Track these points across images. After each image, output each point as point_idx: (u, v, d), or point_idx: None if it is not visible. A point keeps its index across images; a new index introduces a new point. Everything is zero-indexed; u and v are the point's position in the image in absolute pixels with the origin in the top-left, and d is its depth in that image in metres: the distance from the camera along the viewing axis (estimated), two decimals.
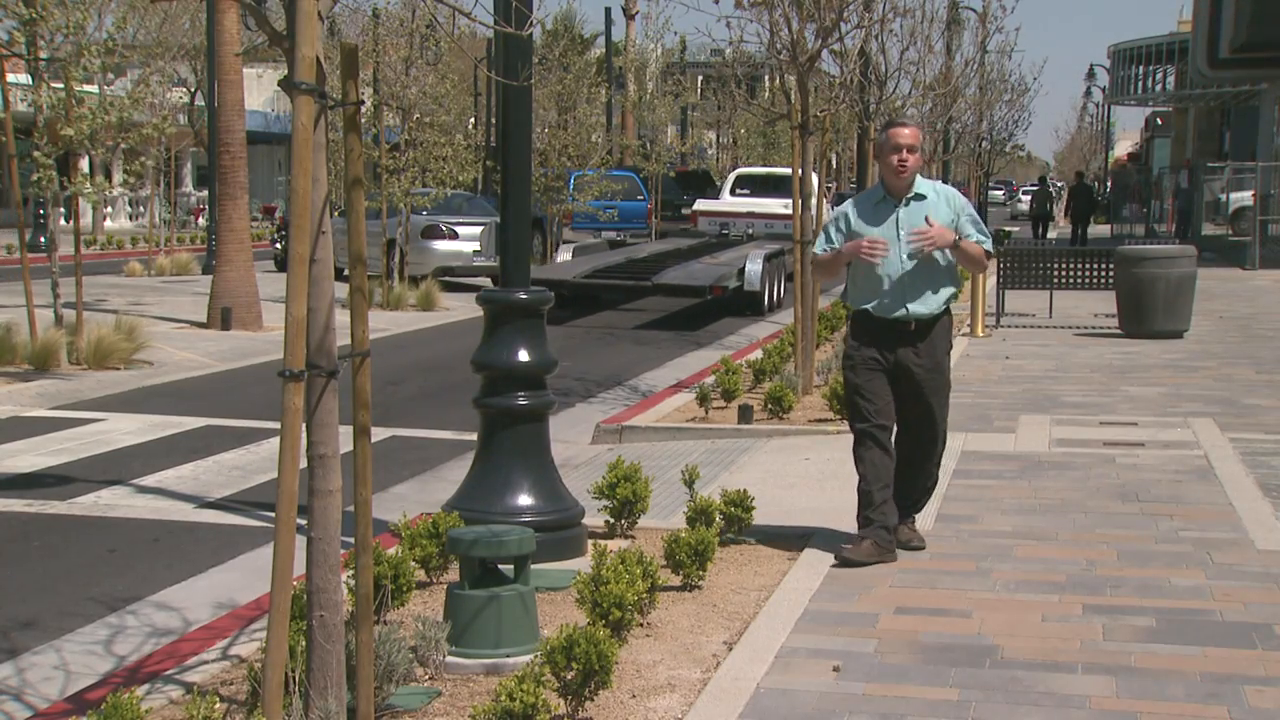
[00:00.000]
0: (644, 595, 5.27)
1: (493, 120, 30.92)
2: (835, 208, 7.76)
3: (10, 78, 12.92)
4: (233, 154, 17.08)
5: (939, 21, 19.44)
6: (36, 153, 12.64)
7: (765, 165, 36.65)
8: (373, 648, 4.07)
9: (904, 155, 6.30)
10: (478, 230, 23.39)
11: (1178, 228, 37.05)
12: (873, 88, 15.50)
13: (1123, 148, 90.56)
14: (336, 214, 19.08)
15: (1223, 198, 36.87)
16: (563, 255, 22.12)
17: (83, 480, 8.75)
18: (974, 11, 25.66)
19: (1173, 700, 4.59)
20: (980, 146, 28.55)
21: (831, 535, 6.68)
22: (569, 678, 4.41)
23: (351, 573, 4.20)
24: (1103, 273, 16.91)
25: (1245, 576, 6.04)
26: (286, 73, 3.53)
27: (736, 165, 43.44)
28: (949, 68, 21.00)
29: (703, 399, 10.58)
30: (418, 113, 20.76)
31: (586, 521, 6.71)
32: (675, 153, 38.22)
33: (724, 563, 6.31)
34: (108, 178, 33.25)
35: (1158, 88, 55.99)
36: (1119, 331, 15.79)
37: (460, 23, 26.17)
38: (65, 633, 5.85)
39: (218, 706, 3.90)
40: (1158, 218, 41.80)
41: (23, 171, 13.24)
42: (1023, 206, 61.75)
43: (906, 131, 6.36)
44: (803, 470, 8.54)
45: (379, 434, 9.37)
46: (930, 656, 5.02)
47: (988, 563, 6.28)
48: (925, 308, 6.31)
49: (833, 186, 20.90)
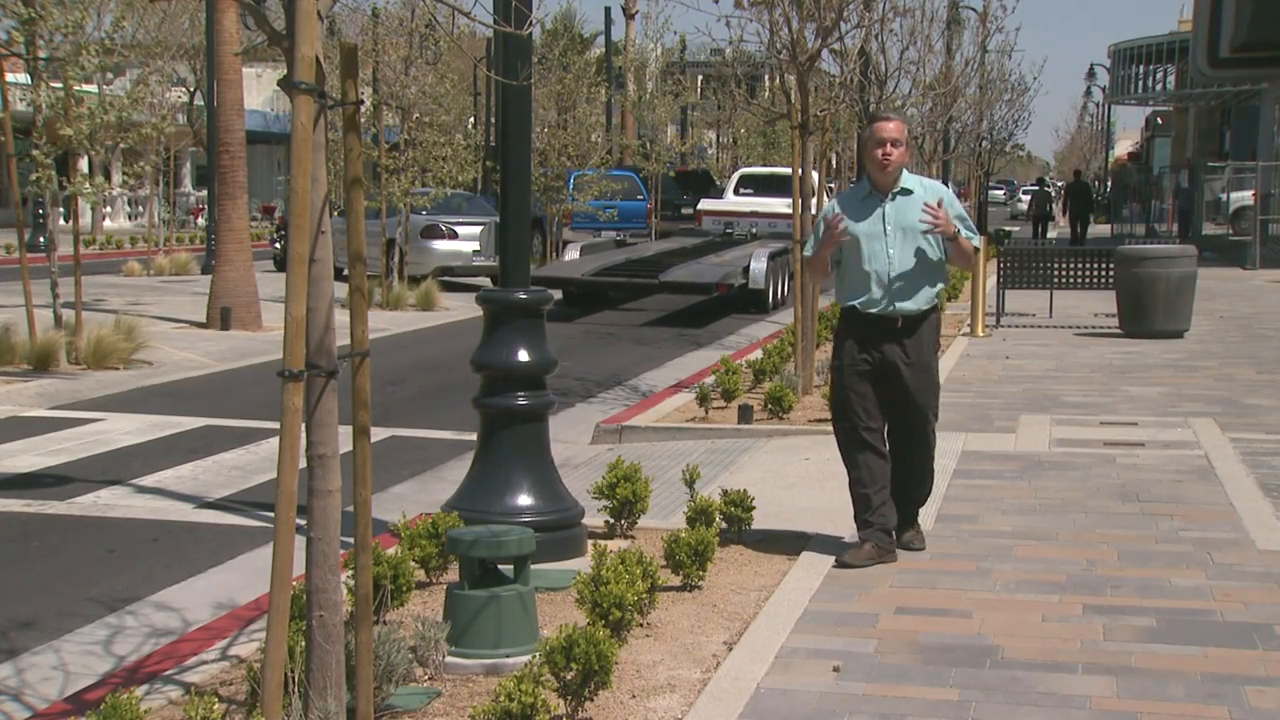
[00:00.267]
0: (644, 595, 5.27)
1: (492, 120, 30.91)
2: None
3: (9, 77, 12.90)
4: (232, 153, 17.07)
5: (939, 21, 19.44)
6: (35, 152, 12.63)
7: (765, 165, 36.69)
8: (372, 648, 4.07)
9: (888, 149, 6.22)
10: (477, 230, 23.39)
11: (1178, 227, 37.07)
12: (873, 87, 15.50)
13: (1123, 147, 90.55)
14: (336, 214, 19.09)
15: (1223, 197, 36.86)
16: (570, 254, 22.45)
17: (82, 480, 8.74)
18: (974, 11, 25.68)
19: (1173, 700, 4.59)
20: (980, 146, 28.54)
21: (832, 535, 6.68)
22: (569, 678, 4.42)
23: (351, 573, 4.20)
24: (1103, 272, 16.91)
25: (1246, 577, 6.04)
26: (286, 72, 3.53)
27: (737, 165, 43.43)
28: (949, 67, 21.00)
29: (703, 399, 10.58)
30: (417, 112, 20.76)
31: (586, 522, 6.71)
32: (675, 152, 38.22)
33: (724, 563, 6.31)
34: (107, 177, 33.27)
35: (1158, 87, 56.00)
36: (1119, 331, 15.79)
37: (460, 22, 26.17)
38: (64, 633, 5.85)
39: (217, 707, 3.90)
40: (1158, 217, 41.82)
41: (22, 171, 13.24)
42: (1023, 206, 61.79)
43: (890, 125, 6.28)
44: (803, 470, 8.55)
45: (378, 434, 9.36)
46: (930, 657, 5.02)
47: (988, 563, 6.28)
48: (913, 304, 6.25)
49: (834, 186, 20.88)
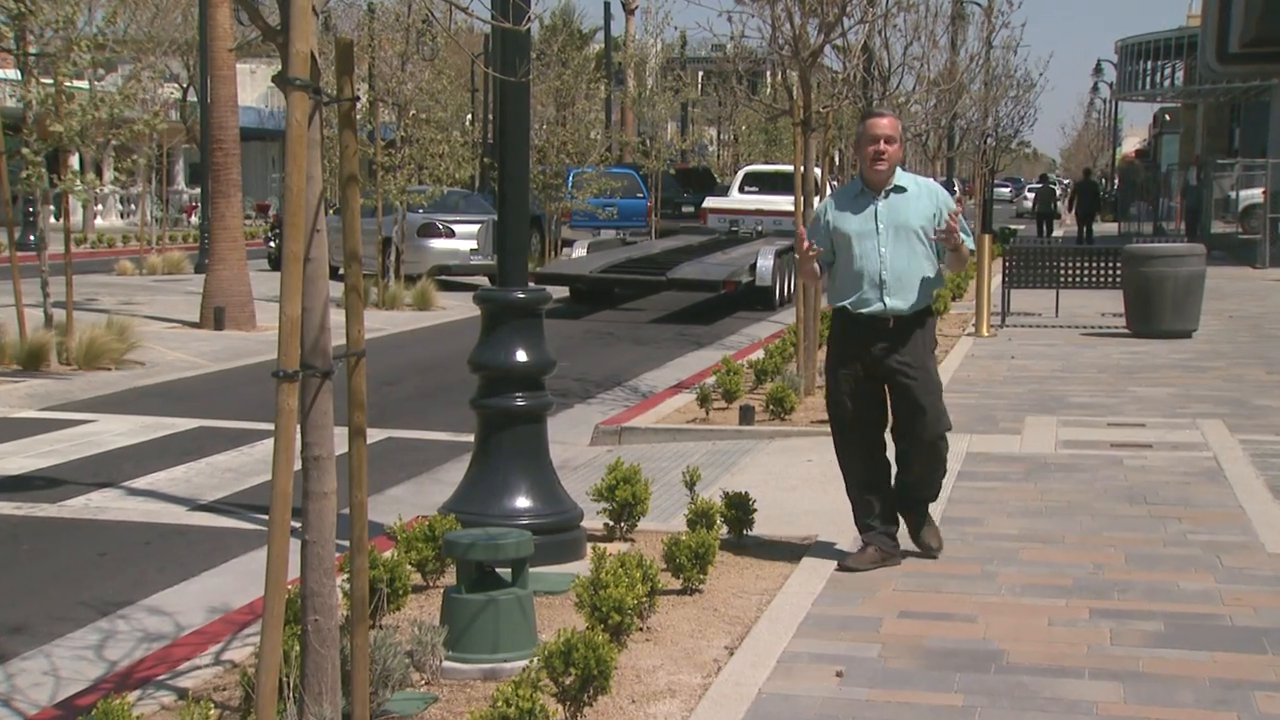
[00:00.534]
0: (644, 599, 5.27)
1: (490, 116, 30.92)
2: None
3: None
4: (226, 151, 17.07)
5: (943, 16, 19.46)
6: (25, 149, 12.63)
7: (767, 162, 36.74)
8: (368, 652, 4.07)
9: (881, 146, 6.15)
10: (475, 228, 23.40)
11: (1185, 226, 37.08)
12: (876, 83, 15.49)
13: (1130, 144, 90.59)
14: (331, 212, 19.05)
15: (1232, 195, 36.85)
16: (578, 251, 22.97)
17: (73, 482, 8.74)
18: (979, 6, 25.63)
19: (1181, 706, 4.59)
20: (985, 143, 28.50)
21: (834, 538, 6.69)
22: (567, 683, 4.42)
23: (346, 576, 4.20)
24: (1110, 271, 16.92)
25: (1255, 580, 6.05)
26: (280, 68, 3.53)
27: (738, 162, 43.44)
28: (954, 63, 20.99)
29: (703, 400, 10.58)
30: (414, 109, 20.77)
31: (585, 524, 6.71)
32: (675, 150, 38.23)
33: (725, 566, 6.32)
34: (98, 175, 33.19)
35: (1166, 83, 55.99)
36: (1126, 331, 15.79)
37: (457, 17, 26.23)
38: (55, 638, 5.85)
39: (211, 713, 3.90)
40: (1166, 215, 41.82)
41: (11, 169, 13.23)
42: (1028, 204, 61.83)
43: (884, 122, 6.22)
44: (805, 472, 8.55)
45: (374, 435, 9.37)
46: (935, 661, 5.02)
47: (993, 566, 6.28)
48: (905, 304, 6.16)
49: (837, 183, 20.91)
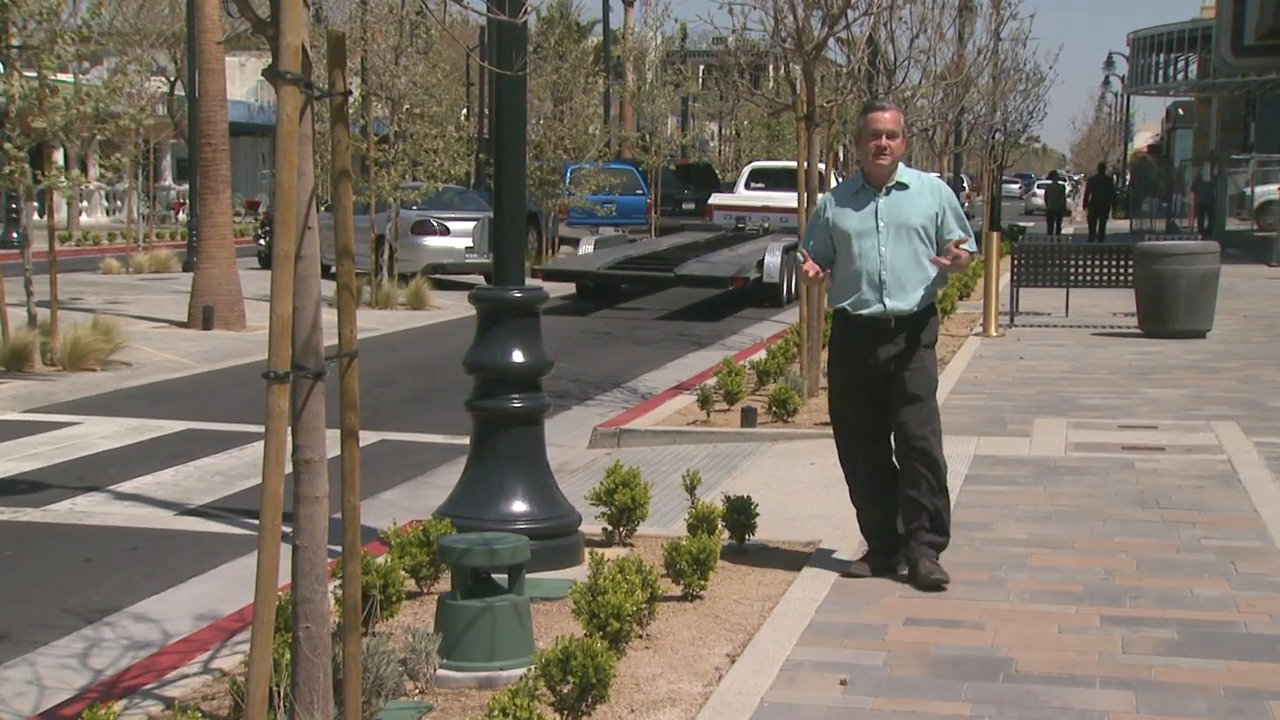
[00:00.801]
0: (643, 605, 5.28)
1: (486, 111, 30.92)
2: None
3: None
4: (214, 146, 17.08)
5: (950, 8, 19.42)
6: (8, 145, 12.63)
7: (770, 158, 36.80)
8: (361, 660, 4.07)
9: (883, 141, 6.07)
10: (470, 226, 23.40)
11: (1198, 222, 37.09)
12: (881, 77, 15.50)
13: (1143, 139, 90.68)
14: (323, 209, 19.09)
15: (1247, 191, 36.89)
16: (584, 247, 23.49)
17: (57, 486, 8.75)
18: None
19: (1195, 716, 4.59)
20: (993, 138, 28.55)
21: (838, 543, 6.69)
22: (565, 691, 4.42)
23: (339, 582, 4.20)
24: (1121, 269, 16.92)
25: (1271, 586, 6.05)
26: (270, 61, 3.53)
27: (740, 158, 43.48)
28: (961, 56, 21.01)
29: (704, 401, 10.59)
30: (408, 103, 20.76)
31: (583, 529, 6.72)
32: (676, 145, 38.23)
33: (726, 572, 6.32)
34: (83, 171, 33.16)
35: (1179, 77, 56.05)
36: (1138, 331, 15.80)
37: (452, 9, 26.16)
38: (39, 646, 5.86)
39: None
40: (1179, 212, 41.85)
41: None
42: (1037, 201, 61.91)
43: (886, 116, 6.14)
44: (808, 476, 8.55)
45: (367, 438, 9.37)
46: (941, 670, 5.02)
47: (1001, 572, 6.28)
48: (905, 305, 6.09)
49: (843, 180, 20.96)
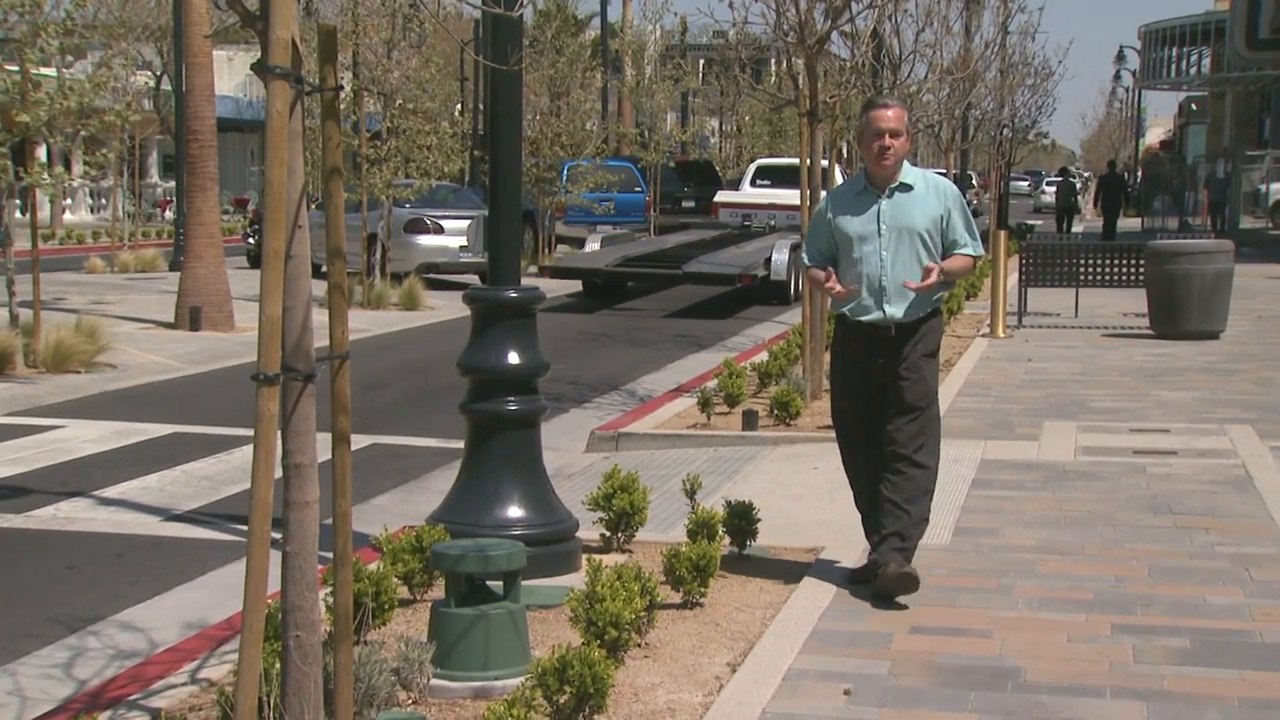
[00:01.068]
0: (642, 613, 5.28)
1: (481, 107, 30.92)
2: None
3: None
4: (202, 142, 17.08)
5: (957, 1, 19.44)
6: None
7: (771, 155, 36.85)
8: (352, 670, 4.07)
9: (886, 141, 5.92)
10: (464, 224, 23.41)
11: (1211, 220, 37.13)
12: (886, 72, 15.50)
13: (1154, 135, 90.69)
14: (314, 207, 19.06)
15: (1262, 188, 36.92)
16: (591, 245, 23.98)
17: (40, 492, 8.75)
18: None
19: None
20: (1001, 134, 28.53)
21: (842, 549, 6.69)
22: (562, 701, 4.43)
23: (329, 590, 4.21)
24: (1132, 269, 16.93)
25: None
26: (260, 56, 3.53)
27: (741, 155, 43.48)
28: (968, 50, 21.02)
29: (704, 404, 10.59)
30: (400, 99, 20.77)
31: (581, 535, 6.72)
32: (675, 141, 38.21)
33: (727, 579, 6.32)
34: (67, 167, 33.16)
35: (1192, 71, 56.06)
36: (1150, 332, 15.81)
37: (446, 2, 26.18)
38: (21, 655, 5.85)
39: None
40: (1192, 210, 41.87)
41: None
42: (1047, 199, 61.95)
43: (889, 113, 5.99)
44: (811, 480, 8.56)
45: (359, 442, 9.37)
46: (948, 679, 5.03)
47: (1009, 579, 6.29)
48: (905, 312, 5.98)
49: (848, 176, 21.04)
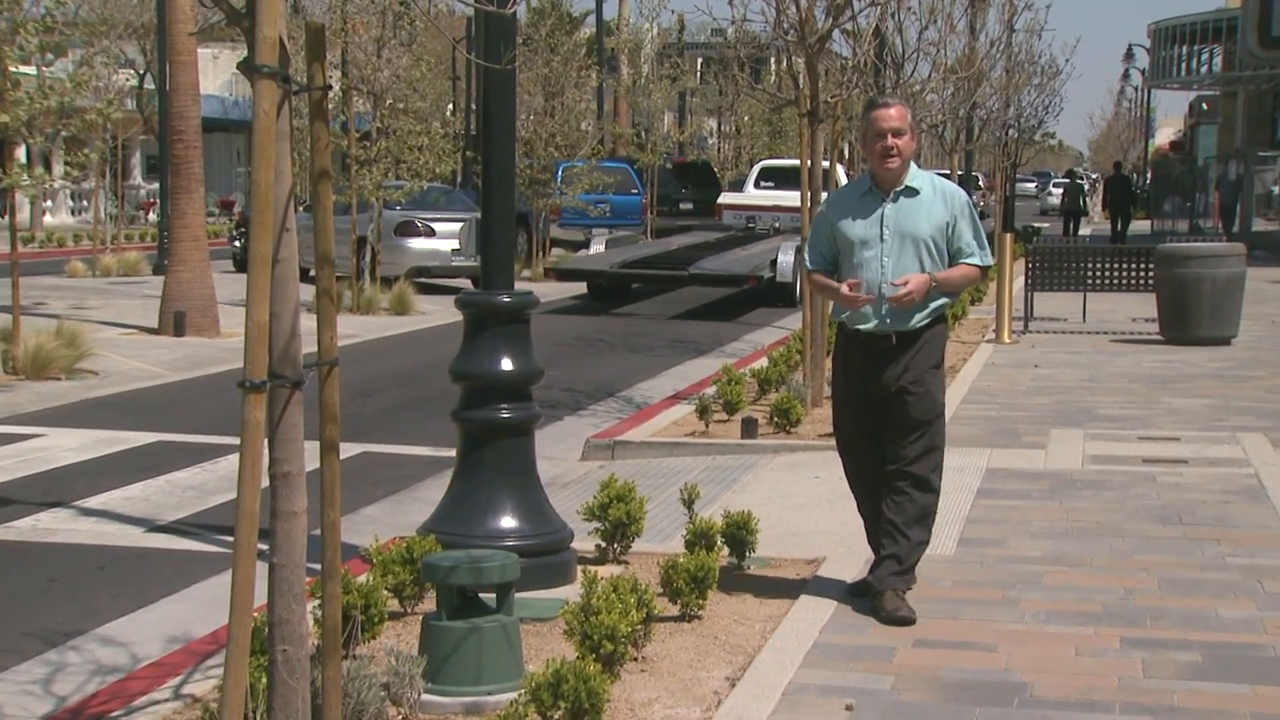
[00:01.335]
0: (638, 626, 5.28)
1: (473, 106, 30.94)
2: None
3: None
4: (186, 143, 17.08)
5: None
6: None
7: (771, 156, 36.88)
8: (341, 685, 4.07)
9: (889, 141, 5.81)
10: (457, 227, 23.41)
11: (1223, 223, 37.15)
12: (888, 71, 15.52)
13: (1164, 136, 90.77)
14: (302, 209, 19.09)
15: (1275, 190, 36.92)
16: (596, 246, 24.36)
17: (19, 502, 8.74)
18: None
19: None
20: (1007, 135, 28.55)
21: (844, 560, 6.69)
22: (556, 717, 4.42)
23: (318, 602, 4.20)
24: (1142, 273, 16.95)
25: None
26: (246, 54, 3.54)
27: (740, 156, 43.49)
28: (972, 48, 21.03)
29: (703, 411, 10.60)
30: (390, 98, 20.77)
31: (576, 545, 6.72)
32: (673, 142, 38.24)
33: (726, 590, 6.32)
34: (47, 168, 33.16)
35: (1203, 69, 56.05)
36: (1160, 338, 15.83)
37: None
38: None
39: None
40: (1202, 212, 41.90)
41: None
42: (1053, 201, 62.02)
43: (891, 112, 5.87)
44: (812, 489, 8.56)
45: (348, 450, 9.37)
46: (952, 694, 5.03)
47: (1015, 591, 6.29)
48: (906, 322, 5.88)
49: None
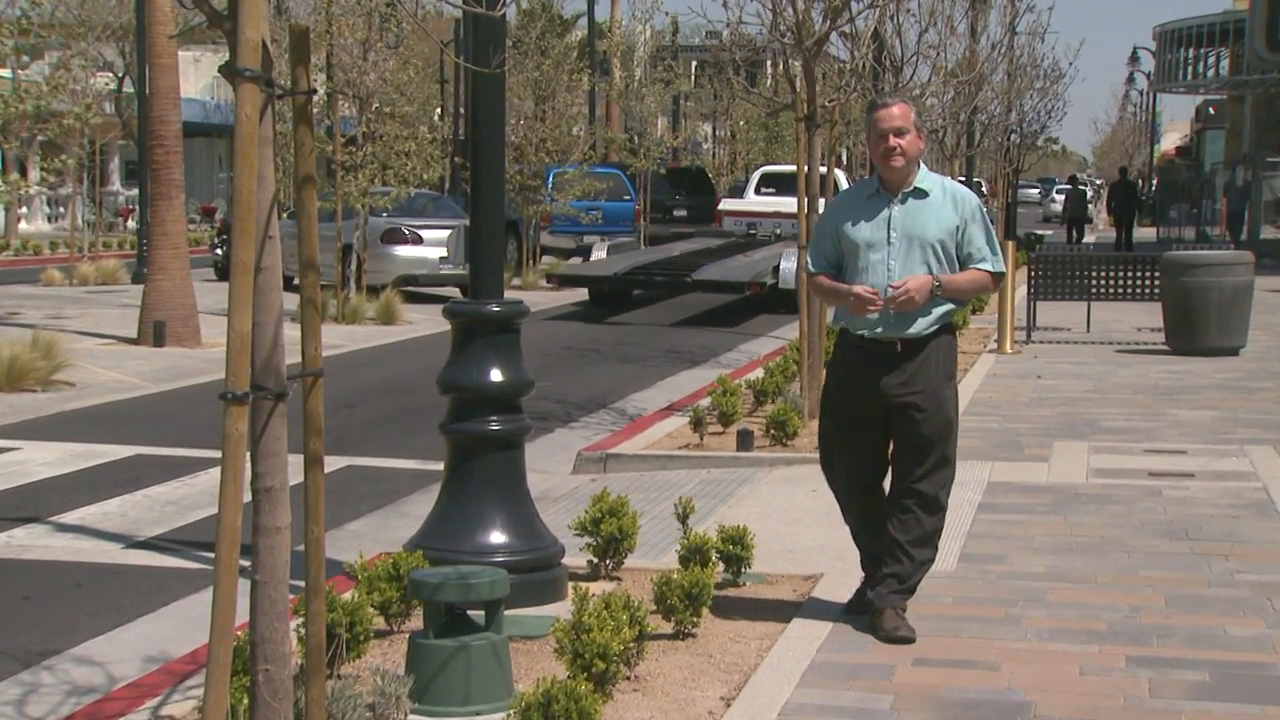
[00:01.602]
0: (631, 644, 5.27)
1: (461, 111, 30.97)
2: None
3: None
4: (166, 148, 17.07)
5: (962, 0, 19.49)
6: None
7: (768, 162, 36.99)
8: (325, 705, 4.07)
9: (892, 141, 5.74)
10: (445, 234, 23.40)
11: (1230, 230, 37.25)
12: (887, 74, 15.54)
13: (1170, 141, 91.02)
14: (285, 216, 19.10)
15: None
16: (598, 253, 24.73)
17: None
18: None
19: None
20: (1009, 140, 28.65)
21: (841, 576, 6.69)
22: None
23: (301, 620, 4.20)
24: (1147, 281, 16.97)
25: None
26: (228, 57, 3.54)
27: (735, 161, 43.58)
28: (973, 52, 21.06)
29: (697, 423, 10.60)
30: (377, 102, 20.79)
31: (567, 561, 6.72)
32: (666, 147, 38.30)
33: (721, 607, 6.31)
34: (22, 174, 33.23)
35: (1210, 73, 56.22)
36: (1165, 348, 15.84)
37: (424, 1, 26.26)
38: None
39: None
40: (1209, 219, 41.98)
41: None
42: (1056, 207, 62.14)
43: (894, 111, 5.80)
44: (809, 503, 8.56)
45: (333, 464, 9.35)
46: (953, 714, 5.03)
47: (1018, 608, 6.29)
48: (913, 327, 5.79)
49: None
